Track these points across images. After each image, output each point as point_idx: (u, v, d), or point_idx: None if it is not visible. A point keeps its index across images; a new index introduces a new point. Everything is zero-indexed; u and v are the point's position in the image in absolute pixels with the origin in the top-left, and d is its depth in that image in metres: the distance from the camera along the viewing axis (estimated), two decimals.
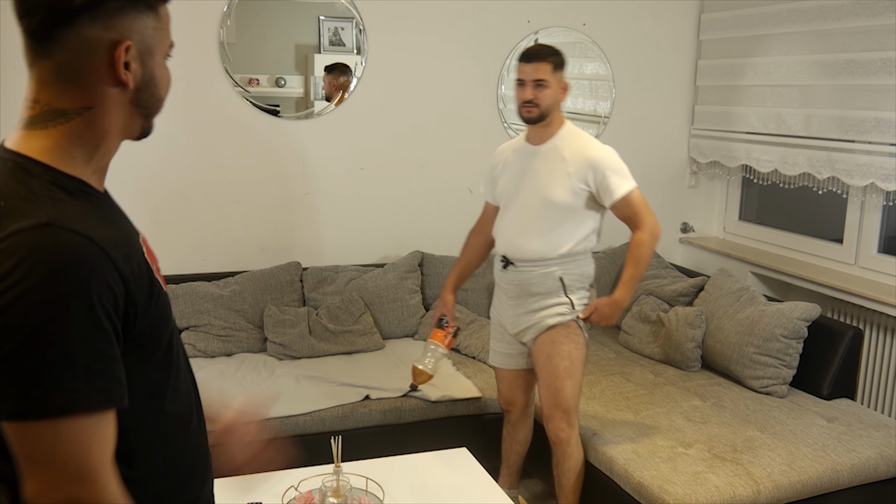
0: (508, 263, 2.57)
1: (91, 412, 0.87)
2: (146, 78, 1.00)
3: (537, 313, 2.55)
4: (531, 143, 2.58)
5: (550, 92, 2.48)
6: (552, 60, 2.48)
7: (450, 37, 3.67)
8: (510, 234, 2.57)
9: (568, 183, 2.46)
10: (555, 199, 2.47)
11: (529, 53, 2.52)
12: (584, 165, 2.45)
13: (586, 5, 3.85)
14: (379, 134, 3.65)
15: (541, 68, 2.47)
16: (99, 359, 0.87)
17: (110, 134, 1.00)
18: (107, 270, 0.89)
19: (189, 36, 3.29)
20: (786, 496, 2.43)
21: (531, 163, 2.55)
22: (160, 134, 3.96)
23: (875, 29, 3.08)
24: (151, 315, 0.97)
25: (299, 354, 3.24)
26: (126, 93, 0.99)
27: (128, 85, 0.97)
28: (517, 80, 2.53)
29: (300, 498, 2.16)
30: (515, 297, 2.58)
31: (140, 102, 1.01)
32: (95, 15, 0.93)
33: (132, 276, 0.93)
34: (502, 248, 2.60)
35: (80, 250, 0.87)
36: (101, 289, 0.87)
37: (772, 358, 3.01)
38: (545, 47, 2.54)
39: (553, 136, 2.54)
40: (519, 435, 2.85)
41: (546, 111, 2.49)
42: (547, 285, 2.52)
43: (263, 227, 3.58)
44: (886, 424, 2.79)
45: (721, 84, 3.92)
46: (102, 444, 0.89)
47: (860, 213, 3.30)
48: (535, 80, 2.47)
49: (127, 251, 0.95)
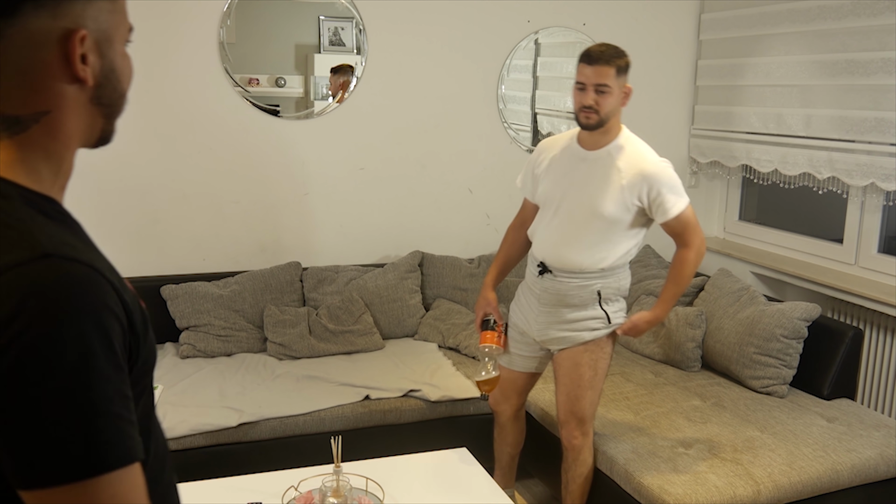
0: (546, 271, 2.44)
1: (131, 463, 0.76)
2: (106, 71, 0.86)
3: (571, 325, 2.45)
4: (583, 147, 2.41)
5: (612, 98, 2.29)
6: (617, 64, 2.28)
7: (450, 36, 3.67)
8: (552, 241, 2.43)
9: (620, 197, 2.32)
10: (605, 212, 2.33)
11: (592, 55, 2.30)
12: (639, 179, 2.31)
13: (586, 5, 3.85)
14: (379, 134, 3.65)
15: (604, 72, 2.27)
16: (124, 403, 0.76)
17: (73, 142, 0.87)
18: (113, 302, 0.78)
19: (189, 36, 3.30)
20: (786, 496, 2.43)
21: (581, 168, 2.40)
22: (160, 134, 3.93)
23: (875, 29, 3.07)
24: (149, 346, 0.87)
25: (299, 354, 3.24)
26: (85, 90, 0.85)
27: (86, 81, 0.84)
28: (576, 82, 2.33)
29: (300, 498, 2.16)
30: (549, 306, 2.47)
31: (101, 100, 0.87)
32: (40, 2, 0.79)
33: (132, 305, 0.82)
34: (541, 254, 2.45)
35: (87, 283, 0.75)
36: (112, 323, 0.76)
37: (772, 358, 3.01)
38: (610, 48, 2.31)
39: (609, 144, 2.37)
40: (509, 437, 2.79)
41: (606, 118, 2.31)
42: (583, 297, 2.42)
43: (263, 227, 3.58)
44: (886, 424, 2.79)
45: (721, 84, 3.92)
46: (142, 494, 0.78)
47: (860, 213, 3.30)
48: (596, 85, 2.28)
49: (118, 277, 0.84)
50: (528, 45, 3.82)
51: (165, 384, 2.91)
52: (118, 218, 3.34)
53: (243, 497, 2.22)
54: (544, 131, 3.97)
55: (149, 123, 3.29)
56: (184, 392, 2.86)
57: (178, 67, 3.31)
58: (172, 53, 3.29)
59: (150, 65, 3.26)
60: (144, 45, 3.23)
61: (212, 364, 3.13)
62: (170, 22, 3.25)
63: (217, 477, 2.40)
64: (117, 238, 3.34)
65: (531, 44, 3.83)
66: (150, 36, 3.23)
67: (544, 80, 3.91)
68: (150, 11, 3.21)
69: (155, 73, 3.27)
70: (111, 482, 0.74)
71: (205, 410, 2.73)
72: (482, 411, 3.04)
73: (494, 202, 3.85)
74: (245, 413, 2.74)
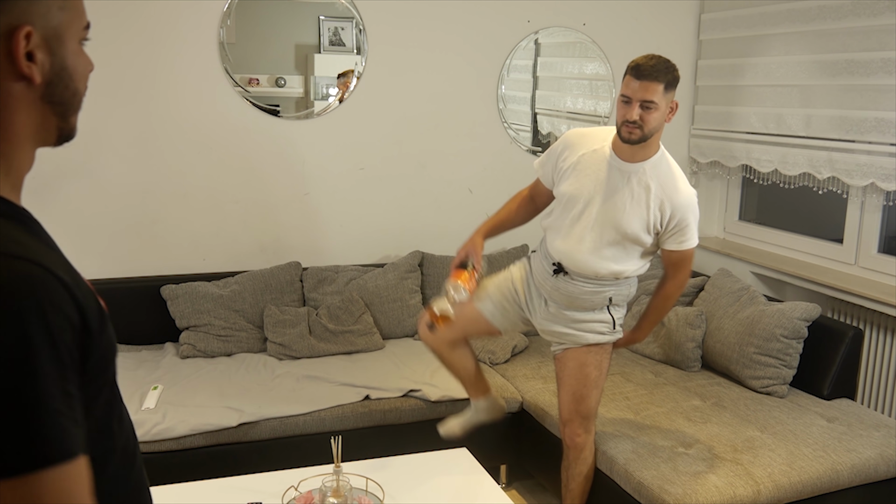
0: (561, 271, 2.41)
1: (72, 459, 0.76)
2: (56, 69, 0.84)
3: (577, 325, 2.46)
4: (619, 156, 2.32)
5: (658, 114, 2.20)
6: (666, 80, 2.18)
7: (450, 36, 3.67)
8: (572, 246, 2.37)
9: (646, 217, 2.29)
10: (629, 231, 2.30)
11: (642, 70, 2.18)
12: (667, 204, 2.28)
13: (586, 5, 3.85)
14: (379, 134, 3.65)
15: (652, 88, 2.17)
16: (67, 401, 0.76)
17: (22, 140, 0.85)
18: (62, 300, 0.77)
19: (189, 36, 3.30)
20: (786, 496, 2.43)
21: (613, 178, 2.32)
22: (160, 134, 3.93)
23: (875, 29, 3.07)
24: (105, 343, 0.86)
25: (299, 354, 3.24)
26: (34, 89, 0.83)
27: (33, 79, 0.82)
28: (622, 95, 2.23)
29: (300, 498, 2.16)
30: (558, 304, 2.47)
31: (52, 98, 0.86)
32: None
33: (85, 302, 0.81)
34: (559, 255, 2.40)
35: (32, 280, 0.75)
36: (58, 321, 0.76)
37: (772, 358, 3.01)
38: (661, 62, 2.19)
39: (646, 160, 2.30)
40: (457, 363, 2.69)
41: (649, 135, 2.23)
42: (595, 302, 2.43)
43: (263, 227, 3.58)
44: (886, 424, 2.79)
45: (721, 84, 3.92)
46: (84, 489, 0.79)
47: (860, 213, 3.30)
48: (643, 101, 2.18)
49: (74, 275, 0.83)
50: (528, 45, 3.82)
51: (165, 384, 2.91)
52: (118, 218, 3.34)
53: (243, 497, 2.22)
54: (544, 131, 3.97)
55: (149, 123, 3.29)
56: (184, 392, 2.86)
57: (179, 67, 3.31)
58: (172, 53, 3.29)
59: (150, 65, 3.26)
60: (145, 45, 3.24)
61: (212, 364, 3.13)
62: (170, 22, 3.25)
63: (217, 477, 2.40)
64: (117, 238, 3.34)
65: (531, 44, 3.83)
66: (150, 36, 3.23)
67: (544, 80, 3.91)
68: (151, 11, 3.21)
69: (155, 73, 3.27)
70: (52, 478, 0.74)
71: (205, 410, 2.73)
72: None
73: (494, 202, 3.83)
74: (245, 413, 2.74)
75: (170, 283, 3.30)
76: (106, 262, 3.31)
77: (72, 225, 3.26)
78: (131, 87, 3.23)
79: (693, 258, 2.43)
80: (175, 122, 3.33)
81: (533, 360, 3.37)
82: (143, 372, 3.01)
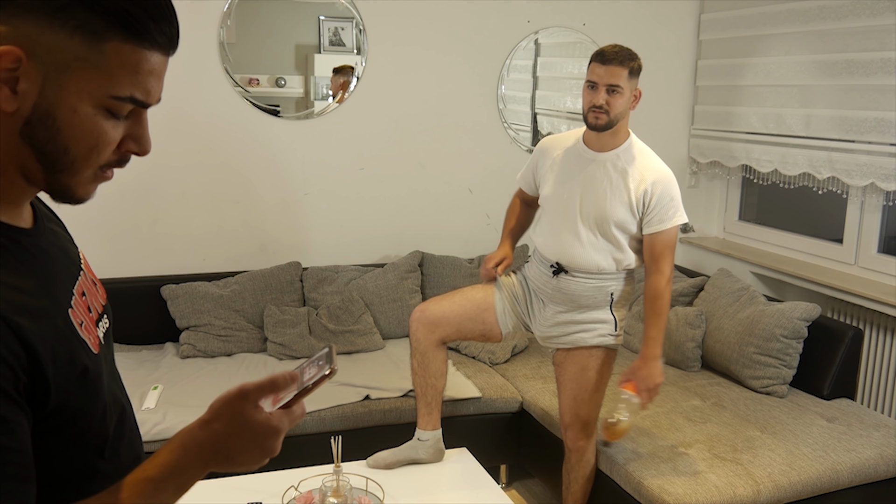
0: (561, 271, 2.41)
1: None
2: (41, 112, 0.75)
3: (579, 326, 2.44)
4: (591, 148, 2.39)
5: (623, 100, 2.28)
6: (630, 65, 2.27)
7: (450, 36, 3.67)
8: (566, 243, 2.39)
9: (628, 201, 2.32)
10: (614, 216, 2.33)
11: (606, 55, 2.28)
12: (646, 184, 2.31)
13: (586, 5, 3.85)
14: (379, 134, 3.65)
15: (617, 73, 2.26)
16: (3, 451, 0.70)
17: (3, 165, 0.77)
18: (1, 342, 0.71)
19: (189, 36, 3.29)
20: (786, 496, 2.43)
21: (589, 170, 2.38)
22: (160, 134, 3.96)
23: (875, 29, 3.08)
24: (74, 392, 0.79)
25: (299, 354, 3.24)
26: (12, 119, 0.75)
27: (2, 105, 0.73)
28: (588, 81, 2.31)
29: (300, 498, 2.16)
30: (560, 304, 2.46)
31: (31, 141, 0.76)
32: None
33: (44, 348, 0.75)
34: (555, 255, 2.42)
35: None
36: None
37: (772, 358, 3.01)
38: (624, 50, 2.30)
39: (617, 147, 2.36)
40: (431, 367, 2.57)
41: (615, 119, 2.31)
42: (597, 299, 2.41)
43: (263, 227, 3.58)
44: (886, 424, 2.79)
45: (721, 84, 3.92)
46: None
47: (860, 213, 3.30)
48: (608, 85, 2.26)
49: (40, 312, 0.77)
50: (528, 45, 3.82)
51: (165, 384, 2.91)
52: (118, 218, 3.34)
53: (243, 497, 2.22)
54: (544, 131, 3.97)
55: (149, 123, 3.28)
56: (184, 392, 2.86)
57: (178, 67, 3.30)
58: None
59: None
60: None
61: (212, 364, 3.13)
62: None
63: (217, 477, 2.40)
64: (117, 238, 3.34)
65: (531, 44, 3.83)
66: None
67: (544, 81, 3.91)
68: None
69: None
70: None
71: (205, 410, 2.72)
72: (482, 411, 3.04)
73: (494, 202, 3.85)
74: None
75: (170, 283, 3.30)
76: (106, 262, 3.31)
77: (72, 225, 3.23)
78: None
79: (674, 244, 2.37)
80: (175, 122, 3.33)
81: (533, 360, 3.38)
82: (143, 372, 3.01)
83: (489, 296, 2.57)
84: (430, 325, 2.53)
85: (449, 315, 2.54)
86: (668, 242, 2.36)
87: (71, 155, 0.78)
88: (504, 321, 2.56)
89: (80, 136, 0.77)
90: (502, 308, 2.56)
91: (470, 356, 3.39)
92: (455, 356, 3.37)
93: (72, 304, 0.84)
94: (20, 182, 0.79)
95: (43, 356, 0.75)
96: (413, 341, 2.58)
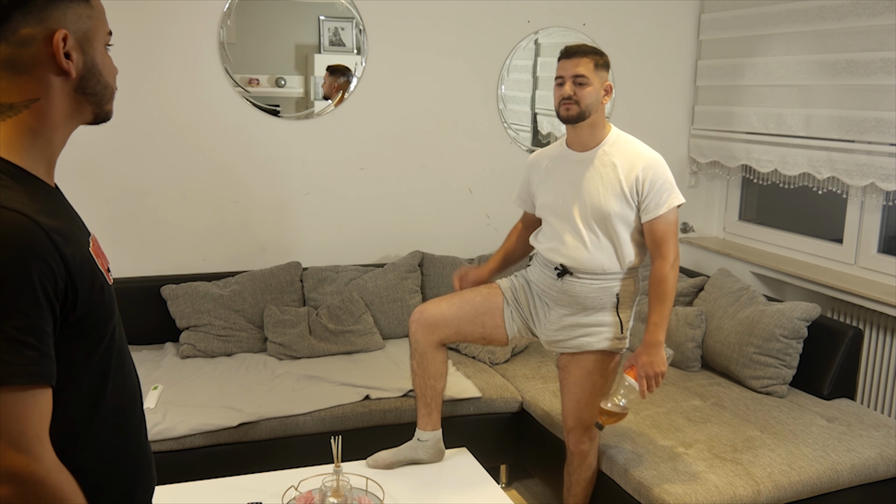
0: (566, 273, 2.40)
1: (27, 386, 0.89)
2: (88, 65, 1.04)
3: (585, 329, 2.42)
4: (574, 150, 2.41)
5: (592, 90, 2.30)
6: (594, 58, 2.32)
7: (450, 36, 3.67)
8: (569, 245, 2.39)
9: (621, 192, 2.32)
10: (612, 211, 2.32)
11: (569, 50, 2.35)
12: (636, 171, 2.31)
13: (586, 5, 3.85)
14: (379, 134, 3.65)
15: (581, 63, 2.31)
16: (35, 334, 0.90)
17: (59, 124, 1.04)
18: (47, 251, 0.92)
19: (189, 36, 3.30)
20: (786, 496, 2.43)
21: (578, 170, 2.39)
22: (160, 134, 3.92)
23: (875, 29, 3.08)
24: (95, 304, 1.00)
25: (299, 354, 3.24)
26: (70, 82, 1.03)
27: (70, 73, 1.02)
28: (556, 77, 2.36)
29: (300, 498, 2.16)
30: (566, 307, 2.43)
31: (86, 90, 1.05)
32: (27, 10, 0.97)
33: (74, 263, 0.96)
34: (559, 258, 2.41)
35: (19, 227, 0.91)
36: (41, 267, 0.91)
37: (772, 358, 3.01)
38: (586, 45, 2.39)
39: (601, 143, 2.37)
40: (430, 368, 2.55)
41: (587, 110, 2.31)
42: (603, 300, 2.39)
43: (263, 227, 3.58)
44: (886, 424, 2.79)
45: (721, 84, 3.92)
46: (37, 417, 0.90)
47: (860, 213, 3.30)
48: (574, 76, 2.30)
49: (70, 241, 0.97)
50: (528, 45, 3.83)
51: (165, 384, 2.91)
52: (118, 218, 3.34)
53: (243, 497, 2.22)
54: (544, 131, 3.97)
55: (149, 123, 3.29)
56: (184, 392, 2.86)
57: (179, 67, 3.31)
58: (173, 53, 3.29)
59: (150, 65, 3.26)
60: (145, 45, 3.24)
61: (212, 364, 3.13)
62: (170, 22, 3.25)
63: (217, 477, 2.40)
64: (117, 238, 3.34)
65: (531, 44, 3.83)
66: (150, 36, 3.24)
67: (544, 81, 3.91)
68: (151, 11, 3.21)
69: (155, 73, 3.27)
70: (8, 398, 0.87)
71: (205, 410, 2.73)
72: (482, 411, 3.04)
73: (494, 202, 3.85)
74: (245, 413, 2.74)
75: (170, 283, 3.30)
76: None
77: None
78: (131, 87, 3.22)
79: (676, 226, 2.35)
80: (175, 122, 3.33)
81: (533, 360, 3.38)
82: (143, 372, 3.01)
83: (491, 299, 2.56)
84: (429, 326, 2.53)
85: (448, 317, 2.53)
86: (668, 226, 2.35)
87: (109, 87, 1.09)
88: (511, 325, 2.55)
89: (109, 71, 1.09)
90: (509, 312, 2.55)
91: (470, 356, 3.39)
92: (455, 356, 3.37)
93: (90, 244, 1.06)
94: (65, 138, 1.07)
95: (74, 269, 0.96)
96: (412, 342, 2.57)
